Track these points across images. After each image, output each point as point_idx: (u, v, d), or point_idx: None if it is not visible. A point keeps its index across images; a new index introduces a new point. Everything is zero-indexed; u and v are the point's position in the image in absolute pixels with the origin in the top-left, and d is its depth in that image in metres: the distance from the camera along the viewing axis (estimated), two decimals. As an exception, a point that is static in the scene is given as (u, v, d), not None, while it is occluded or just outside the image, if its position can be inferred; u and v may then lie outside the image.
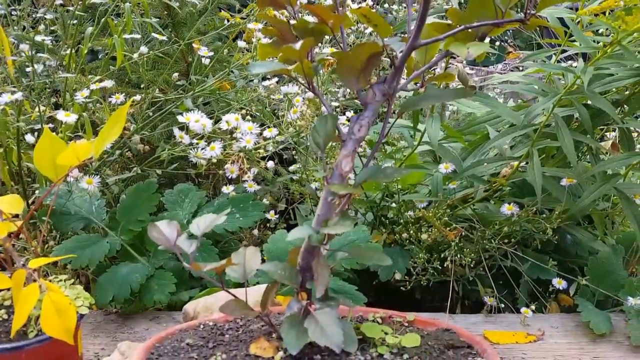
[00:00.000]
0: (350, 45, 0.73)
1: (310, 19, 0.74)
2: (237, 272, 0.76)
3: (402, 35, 0.76)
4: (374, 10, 0.69)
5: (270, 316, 0.77)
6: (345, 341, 0.68)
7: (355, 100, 1.55)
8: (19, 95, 1.10)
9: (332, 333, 0.67)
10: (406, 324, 0.83)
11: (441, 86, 1.21)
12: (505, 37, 2.92)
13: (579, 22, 1.16)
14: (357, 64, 0.69)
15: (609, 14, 1.07)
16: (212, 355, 0.72)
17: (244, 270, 0.76)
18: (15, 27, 1.40)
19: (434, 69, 1.24)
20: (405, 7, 2.02)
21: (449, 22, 0.70)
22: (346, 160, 0.72)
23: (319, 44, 1.58)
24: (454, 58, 1.48)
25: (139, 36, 1.32)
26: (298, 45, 0.64)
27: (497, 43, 2.85)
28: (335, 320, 0.69)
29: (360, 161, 1.30)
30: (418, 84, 0.76)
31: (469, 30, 0.68)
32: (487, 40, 0.72)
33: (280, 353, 0.71)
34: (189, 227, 0.76)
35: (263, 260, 0.79)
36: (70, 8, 1.35)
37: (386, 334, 0.75)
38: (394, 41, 0.73)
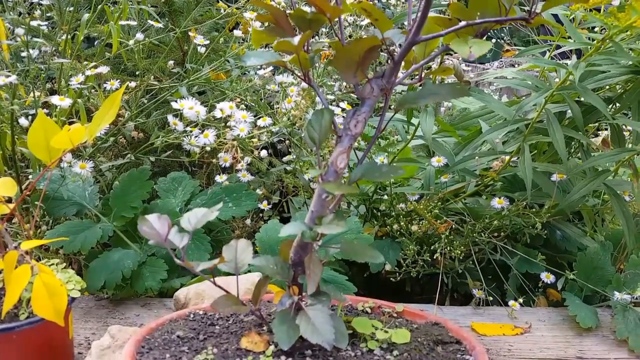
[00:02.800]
0: (349, 37, 0.73)
1: (308, 8, 0.74)
2: (229, 267, 0.76)
3: (402, 27, 0.76)
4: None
5: (260, 304, 0.77)
6: (336, 337, 0.67)
7: (352, 94, 1.56)
8: (13, 79, 1.10)
9: (323, 330, 0.67)
10: (395, 315, 0.83)
11: (437, 80, 1.22)
12: (502, 35, 2.92)
13: (573, 19, 1.17)
14: (355, 57, 0.68)
15: (603, 11, 1.08)
16: (203, 349, 0.72)
17: (235, 265, 0.76)
18: (11, 12, 1.39)
19: (430, 64, 1.25)
20: (404, 2, 2.02)
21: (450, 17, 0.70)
22: (342, 156, 0.70)
23: (316, 36, 1.58)
24: (451, 54, 1.49)
25: (134, 23, 1.31)
26: (296, 40, 0.63)
27: (494, 40, 2.85)
28: (327, 317, 0.68)
29: (355, 154, 1.30)
30: (415, 78, 0.76)
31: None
32: (491, 41, 0.71)
33: (272, 347, 0.71)
34: (181, 221, 0.74)
35: (255, 252, 0.78)
36: (67, -7, 1.35)
37: (376, 329, 0.75)
38: (394, 33, 0.71)
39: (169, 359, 0.70)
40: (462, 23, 0.65)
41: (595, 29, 1.26)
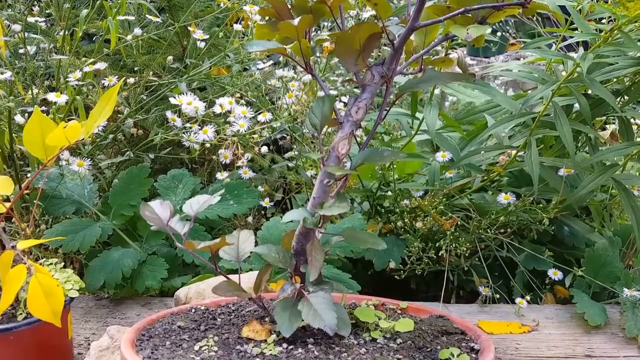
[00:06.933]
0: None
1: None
2: (231, 255, 0.76)
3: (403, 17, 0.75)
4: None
5: (263, 301, 0.76)
6: (339, 324, 0.67)
7: (356, 90, 1.54)
8: (7, 75, 1.09)
9: (325, 315, 0.67)
10: (399, 311, 0.82)
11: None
12: (507, 28, 2.90)
13: (580, 10, 1.15)
14: (356, 44, 0.68)
15: (611, 2, 1.05)
16: (204, 338, 0.72)
17: (237, 253, 0.76)
18: (8, 9, 1.38)
19: (433, 55, 1.23)
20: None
21: (449, 5, 0.69)
22: (343, 142, 0.71)
23: (317, 30, 1.57)
24: (455, 48, 1.46)
25: (133, 18, 1.29)
26: (296, 21, 0.63)
27: (499, 34, 2.82)
28: (329, 303, 0.68)
29: (358, 147, 1.28)
30: (417, 69, 0.75)
31: (469, 14, 0.68)
32: (496, 35, 0.72)
33: (273, 336, 0.70)
34: (183, 207, 0.75)
35: (256, 243, 0.78)
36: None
37: (379, 318, 0.74)
38: (393, 23, 0.72)
39: (169, 346, 0.70)
40: (460, 9, 0.65)
41: (603, 21, 1.24)
